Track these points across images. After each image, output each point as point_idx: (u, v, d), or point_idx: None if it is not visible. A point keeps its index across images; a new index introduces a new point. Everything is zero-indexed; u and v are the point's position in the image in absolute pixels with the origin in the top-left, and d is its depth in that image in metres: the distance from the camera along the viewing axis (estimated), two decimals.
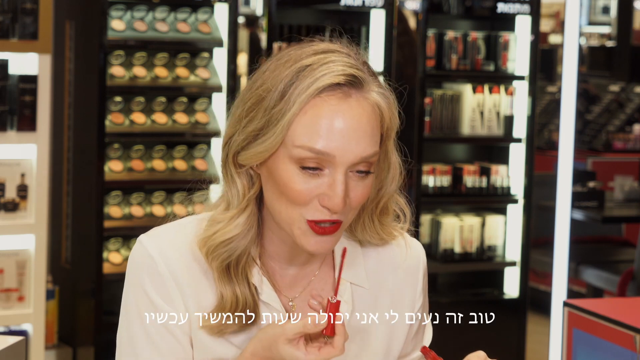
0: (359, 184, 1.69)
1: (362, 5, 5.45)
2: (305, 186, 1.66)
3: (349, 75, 1.67)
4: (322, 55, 1.68)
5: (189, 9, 5.16)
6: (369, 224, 1.81)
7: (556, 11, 12.58)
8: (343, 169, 1.66)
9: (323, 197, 1.66)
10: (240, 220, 1.73)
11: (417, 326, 1.89)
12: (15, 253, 4.65)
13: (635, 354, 3.22)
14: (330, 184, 1.66)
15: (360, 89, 1.68)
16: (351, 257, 1.82)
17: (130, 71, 5.06)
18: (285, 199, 1.68)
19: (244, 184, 1.74)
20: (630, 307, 3.62)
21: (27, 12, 4.55)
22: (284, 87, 1.66)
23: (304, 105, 1.65)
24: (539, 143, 7.65)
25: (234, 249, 1.73)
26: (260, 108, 1.68)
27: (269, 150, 1.67)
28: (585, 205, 6.24)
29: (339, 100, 1.66)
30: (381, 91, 1.71)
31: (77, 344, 5.18)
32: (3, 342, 2.00)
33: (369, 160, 1.68)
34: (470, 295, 5.88)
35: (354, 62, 1.69)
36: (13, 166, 4.62)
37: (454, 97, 5.73)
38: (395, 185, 1.78)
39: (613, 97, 8.45)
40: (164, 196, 5.12)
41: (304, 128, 1.65)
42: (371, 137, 1.67)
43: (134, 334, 1.75)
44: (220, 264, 1.73)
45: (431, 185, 5.66)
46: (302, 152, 1.65)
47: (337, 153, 1.65)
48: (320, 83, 1.65)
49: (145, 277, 1.75)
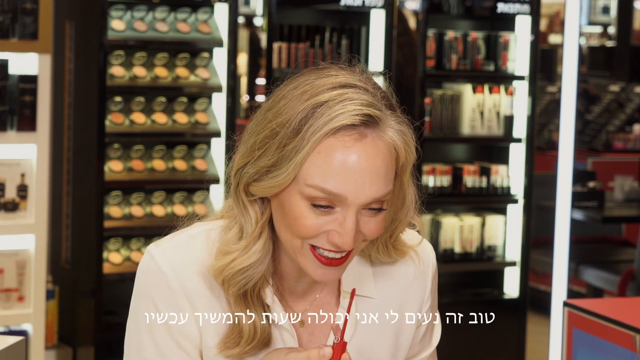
0: (371, 220, 1.66)
1: (362, 5, 5.45)
2: (315, 221, 1.64)
3: (365, 116, 1.63)
4: (340, 90, 1.64)
5: (189, 9, 5.16)
6: (382, 249, 1.80)
7: (556, 11, 12.57)
8: (354, 209, 1.64)
9: (333, 234, 1.64)
10: (257, 247, 1.71)
11: (425, 327, 1.88)
12: (15, 253, 4.65)
13: (635, 354, 3.22)
14: (341, 222, 1.64)
15: (376, 128, 1.64)
16: (357, 267, 1.81)
17: (130, 71, 5.06)
18: (292, 230, 1.66)
19: (257, 211, 1.71)
20: (630, 307, 3.62)
21: (27, 12, 4.55)
22: (298, 124, 1.63)
23: (317, 145, 1.62)
24: (539, 143, 7.65)
25: (252, 276, 1.71)
26: (274, 143, 1.65)
27: (280, 186, 1.65)
28: (585, 205, 6.24)
29: (354, 141, 1.62)
30: (398, 128, 1.67)
31: (77, 344, 5.18)
32: (3, 342, 2.00)
33: (381, 199, 1.65)
34: (470, 295, 5.88)
35: (371, 99, 1.65)
36: (13, 166, 4.62)
37: (454, 97, 5.73)
38: (410, 215, 1.76)
39: (613, 97, 8.45)
40: (164, 196, 5.12)
41: (317, 168, 1.62)
42: (385, 177, 1.64)
43: (143, 346, 1.74)
44: (237, 291, 1.71)
45: (431, 185, 5.66)
46: (314, 191, 1.63)
47: (349, 195, 1.62)
48: (336, 123, 1.62)
49: (155, 290, 1.74)
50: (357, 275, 1.80)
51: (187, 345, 1.73)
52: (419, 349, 1.89)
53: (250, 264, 1.70)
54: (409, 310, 1.85)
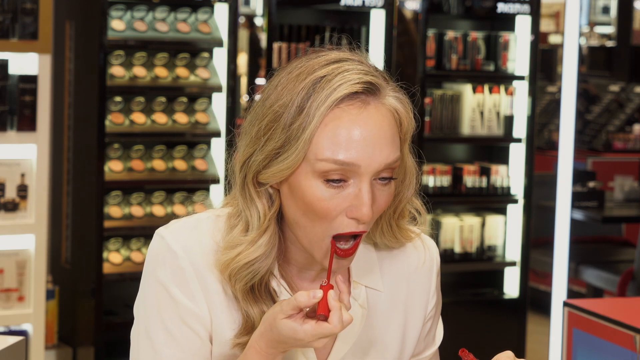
0: (383, 191, 1.68)
1: (362, 5, 5.45)
2: (331, 201, 1.64)
3: (365, 83, 1.65)
4: (336, 65, 1.67)
5: (189, 9, 5.16)
6: (387, 229, 1.80)
7: (556, 11, 12.58)
8: (368, 178, 1.64)
9: (351, 209, 1.64)
10: (263, 240, 1.70)
11: (431, 323, 1.88)
12: (15, 253, 4.65)
13: (635, 354, 3.22)
14: (357, 194, 1.64)
15: (377, 95, 1.67)
16: (366, 262, 1.81)
17: (130, 71, 5.06)
18: (311, 215, 1.66)
19: (264, 204, 1.70)
20: (630, 307, 3.62)
21: (27, 12, 4.55)
22: (300, 101, 1.64)
23: (323, 118, 1.63)
24: (539, 143, 7.65)
25: (258, 270, 1.70)
26: (279, 125, 1.65)
27: (292, 167, 1.65)
28: (585, 205, 6.24)
29: (358, 109, 1.64)
30: (397, 95, 1.70)
31: (77, 344, 5.18)
32: (3, 342, 2.00)
33: (392, 166, 1.66)
34: (470, 295, 5.88)
35: (368, 68, 1.68)
36: (13, 166, 4.62)
37: (454, 97, 5.73)
38: (412, 189, 1.77)
39: (613, 97, 8.45)
40: (164, 196, 5.12)
41: (326, 140, 1.63)
42: (392, 142, 1.66)
43: (152, 329, 1.73)
44: (244, 286, 1.71)
45: (431, 185, 5.66)
46: (326, 165, 1.63)
47: (362, 163, 1.63)
48: (339, 93, 1.63)
49: (165, 271, 1.73)
50: (364, 263, 1.80)
51: (197, 327, 1.72)
52: (424, 346, 1.89)
53: (255, 258, 1.69)
54: (416, 304, 1.85)
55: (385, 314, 1.82)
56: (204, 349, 1.73)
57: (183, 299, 1.72)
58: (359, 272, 1.80)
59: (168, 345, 1.72)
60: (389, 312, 1.82)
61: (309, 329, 1.59)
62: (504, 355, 1.68)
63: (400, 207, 1.78)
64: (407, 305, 1.84)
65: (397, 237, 1.81)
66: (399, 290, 1.84)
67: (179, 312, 1.72)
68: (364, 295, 1.79)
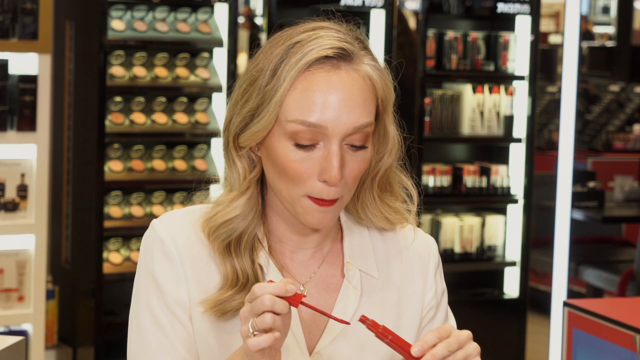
0: (355, 158, 1.70)
1: (362, 5, 5.45)
2: (302, 163, 1.68)
3: (337, 49, 1.69)
4: (312, 32, 1.71)
5: (189, 9, 5.16)
6: (370, 201, 1.81)
7: (556, 11, 12.58)
8: (337, 141, 1.67)
9: (321, 172, 1.68)
10: (240, 202, 1.75)
11: (432, 315, 1.87)
12: (15, 253, 4.65)
13: (635, 354, 3.22)
14: (326, 156, 1.68)
15: (349, 61, 1.70)
16: (361, 246, 1.82)
17: (130, 71, 5.06)
18: (284, 177, 1.70)
19: (245, 167, 1.75)
20: (630, 307, 3.62)
21: (27, 12, 4.55)
22: (275, 65, 1.69)
23: (294, 81, 1.67)
24: (539, 143, 7.65)
25: (234, 230, 1.74)
26: (255, 88, 1.71)
27: (265, 129, 1.69)
28: (585, 205, 6.24)
29: (327, 72, 1.68)
30: (373, 64, 1.72)
31: (77, 344, 5.18)
32: (3, 342, 2.00)
33: (362, 131, 1.69)
34: (470, 295, 5.88)
35: (344, 36, 1.72)
36: (13, 166, 4.62)
37: (454, 97, 5.73)
38: (392, 159, 1.78)
39: (613, 97, 8.45)
40: (164, 196, 5.12)
41: (295, 103, 1.67)
42: (363, 107, 1.69)
43: (141, 318, 1.76)
44: (221, 244, 1.75)
45: (431, 185, 5.66)
46: (295, 126, 1.67)
47: (329, 124, 1.66)
48: (309, 57, 1.68)
49: (153, 259, 1.77)
50: (358, 246, 1.82)
51: (183, 316, 1.75)
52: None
53: (231, 218, 1.74)
54: (409, 286, 1.85)
55: (378, 295, 1.82)
56: (189, 338, 1.75)
57: (169, 287, 1.75)
58: (353, 255, 1.81)
59: (154, 332, 1.75)
60: (382, 293, 1.82)
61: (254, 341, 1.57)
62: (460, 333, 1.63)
63: (379, 175, 1.79)
64: (400, 287, 1.84)
65: (382, 212, 1.82)
66: (392, 271, 1.84)
67: (165, 300, 1.75)
68: (357, 277, 1.80)
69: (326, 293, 1.79)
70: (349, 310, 1.78)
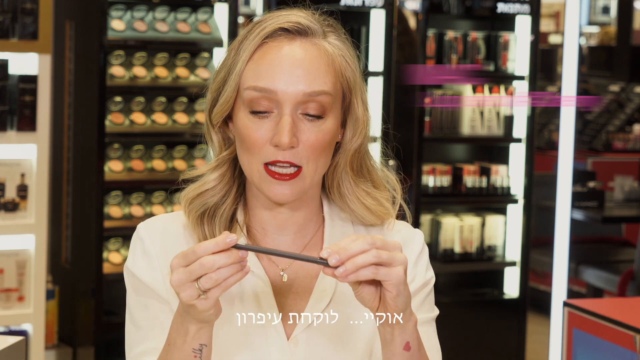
0: (312, 128, 1.73)
1: (362, 5, 5.45)
2: (258, 131, 1.73)
3: (295, 23, 1.75)
4: (275, 12, 1.78)
5: (189, 9, 5.16)
6: (347, 185, 1.82)
7: (556, 11, 12.59)
8: (289, 107, 1.72)
9: (273, 138, 1.72)
10: (212, 177, 1.81)
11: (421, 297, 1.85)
12: (15, 253, 4.65)
13: (635, 354, 3.22)
14: (278, 122, 1.72)
15: (307, 36, 1.76)
16: (342, 235, 1.82)
17: (130, 71, 5.06)
18: (244, 146, 1.75)
19: (220, 143, 1.82)
20: (630, 307, 3.62)
21: (27, 12, 4.55)
22: (238, 44, 1.78)
23: (252, 53, 1.75)
24: (539, 143, 7.65)
25: (205, 203, 1.80)
26: (223, 67, 1.79)
27: (228, 101, 1.77)
28: (585, 205, 6.24)
29: (281, 42, 1.75)
30: (337, 43, 1.78)
31: (77, 344, 5.18)
32: (3, 342, 2.00)
33: (315, 99, 1.72)
34: (470, 295, 5.88)
35: (305, 15, 1.78)
36: (13, 166, 4.62)
37: (453, 97, 5.73)
38: (361, 139, 1.80)
39: (613, 97, 8.45)
40: (164, 196, 5.12)
41: (251, 72, 1.74)
42: (315, 76, 1.73)
43: (131, 304, 1.83)
44: (195, 214, 1.81)
45: (431, 185, 5.66)
46: (249, 92, 1.73)
47: (278, 89, 1.71)
48: (267, 30, 1.75)
49: (136, 257, 1.84)
50: (339, 236, 1.82)
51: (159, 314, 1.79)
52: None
53: (203, 192, 1.80)
54: None
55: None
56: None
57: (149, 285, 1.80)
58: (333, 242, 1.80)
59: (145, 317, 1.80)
60: None
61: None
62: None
63: (349, 156, 1.80)
64: None
65: (363, 203, 1.82)
66: None
67: (146, 291, 1.80)
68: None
69: (305, 279, 1.81)
70: (326, 296, 1.79)
